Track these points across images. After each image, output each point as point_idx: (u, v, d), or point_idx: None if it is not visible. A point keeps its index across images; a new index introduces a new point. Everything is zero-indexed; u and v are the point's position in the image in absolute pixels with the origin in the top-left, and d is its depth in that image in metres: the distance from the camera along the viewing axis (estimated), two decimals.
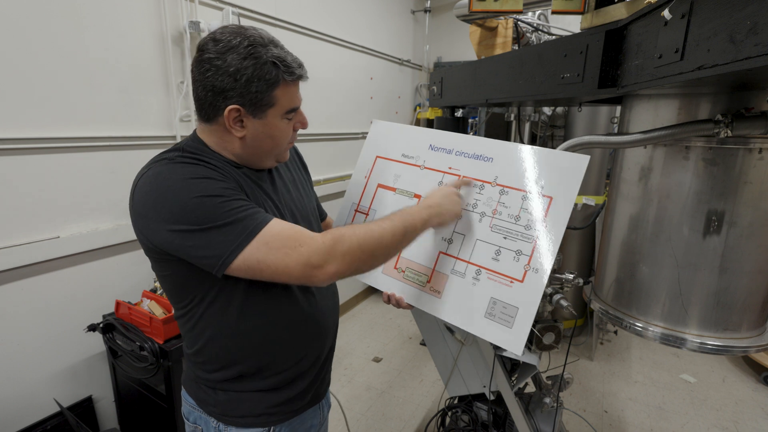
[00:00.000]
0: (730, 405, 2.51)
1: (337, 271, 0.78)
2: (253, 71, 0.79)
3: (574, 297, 2.88)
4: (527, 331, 0.87)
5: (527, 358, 1.35)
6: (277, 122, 0.86)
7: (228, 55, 0.78)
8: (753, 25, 0.52)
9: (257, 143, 0.87)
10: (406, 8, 4.09)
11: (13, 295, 1.56)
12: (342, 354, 2.96)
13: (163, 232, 0.76)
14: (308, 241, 0.78)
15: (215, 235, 0.75)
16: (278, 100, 0.84)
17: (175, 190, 0.76)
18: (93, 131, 1.71)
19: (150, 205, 0.77)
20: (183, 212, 0.75)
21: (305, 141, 2.93)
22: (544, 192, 0.93)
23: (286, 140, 0.92)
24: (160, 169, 0.79)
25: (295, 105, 0.89)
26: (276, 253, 0.76)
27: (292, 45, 3.03)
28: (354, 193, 1.16)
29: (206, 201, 0.75)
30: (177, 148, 0.86)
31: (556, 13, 1.14)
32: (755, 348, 0.92)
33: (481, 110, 2.86)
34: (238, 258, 0.75)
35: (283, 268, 0.76)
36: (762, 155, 0.83)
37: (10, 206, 1.52)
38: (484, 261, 0.95)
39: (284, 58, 0.82)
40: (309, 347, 0.99)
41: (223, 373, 0.92)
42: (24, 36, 1.48)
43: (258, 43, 0.80)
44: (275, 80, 0.81)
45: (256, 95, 0.80)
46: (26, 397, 1.63)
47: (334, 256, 0.77)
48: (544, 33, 2.07)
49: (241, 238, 0.75)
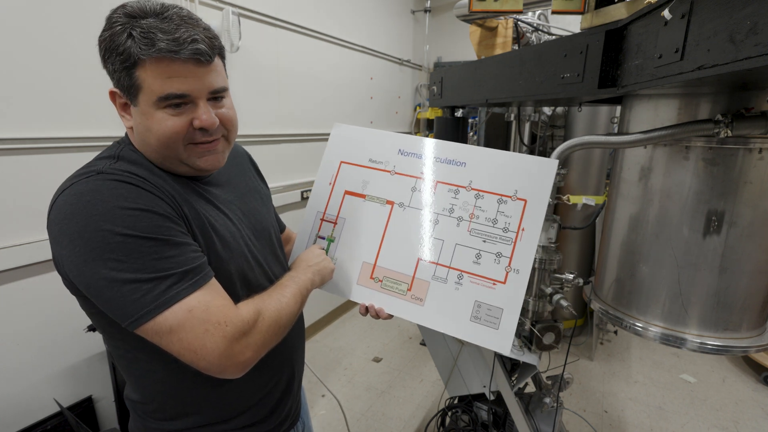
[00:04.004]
0: (730, 405, 2.51)
1: (255, 357, 0.69)
2: (108, 44, 0.65)
3: (574, 297, 2.88)
4: (513, 331, 0.89)
5: (527, 358, 1.35)
6: (151, 111, 0.68)
7: (104, 31, 0.67)
8: (753, 25, 0.52)
9: (141, 137, 0.72)
10: (406, 8, 4.09)
11: (13, 295, 1.56)
12: (342, 354, 2.97)
13: (76, 267, 0.63)
14: (233, 319, 0.67)
15: (131, 291, 0.62)
16: (143, 81, 0.66)
17: (97, 221, 0.61)
18: (93, 131, 1.71)
19: (67, 231, 0.63)
20: (100, 250, 0.61)
21: (305, 141, 2.92)
22: (519, 195, 0.95)
23: (175, 138, 0.70)
24: (84, 188, 0.64)
25: (168, 91, 0.67)
26: (195, 328, 0.63)
27: (292, 45, 3.00)
28: (318, 201, 1.09)
29: (130, 243, 0.62)
30: (111, 155, 0.72)
31: (556, 13, 1.14)
32: (755, 348, 0.92)
33: (481, 110, 2.86)
34: (147, 324, 0.63)
35: (200, 347, 0.64)
36: (762, 155, 0.83)
37: (10, 206, 1.52)
38: (465, 265, 0.95)
39: (149, 27, 0.64)
40: (279, 373, 0.90)
41: (182, 422, 0.79)
42: (24, 36, 1.48)
43: (132, 14, 0.65)
44: (129, 55, 0.64)
45: (119, 76, 0.67)
46: (26, 397, 1.63)
47: (254, 339, 0.69)
48: (544, 33, 2.07)
49: (159, 300, 0.62)
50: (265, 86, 2.55)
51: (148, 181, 0.68)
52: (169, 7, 0.68)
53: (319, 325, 3.30)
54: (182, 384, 0.77)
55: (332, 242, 1.05)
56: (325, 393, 2.49)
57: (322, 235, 1.06)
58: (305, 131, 2.90)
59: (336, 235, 1.05)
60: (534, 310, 1.28)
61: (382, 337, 3.21)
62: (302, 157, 2.92)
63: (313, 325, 3.24)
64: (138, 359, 0.75)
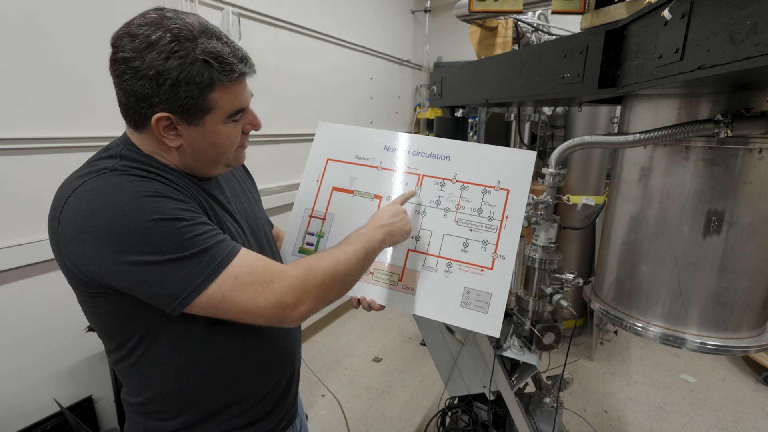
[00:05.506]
0: (730, 405, 2.51)
1: (311, 309, 0.71)
2: (179, 73, 0.64)
3: (574, 297, 2.88)
4: (502, 314, 0.94)
5: (527, 358, 1.35)
6: (218, 128, 0.72)
7: (147, 54, 0.63)
8: (753, 25, 0.52)
9: (198, 153, 0.74)
10: (406, 8, 4.09)
11: (13, 295, 1.56)
12: (342, 354, 2.96)
13: (107, 263, 0.62)
14: (280, 276, 0.69)
15: (175, 269, 0.63)
16: (216, 103, 0.70)
17: (125, 212, 0.62)
18: (93, 131, 1.71)
19: (89, 228, 0.62)
20: (135, 239, 0.62)
21: (305, 141, 2.92)
22: (501, 185, 1.01)
23: (234, 145, 0.78)
24: (100, 183, 0.64)
25: (240, 106, 0.74)
26: (245, 291, 0.66)
27: (292, 45, 2.99)
28: (306, 198, 1.11)
29: (164, 225, 0.63)
30: (113, 154, 0.71)
31: (556, 13, 1.14)
32: (755, 348, 0.92)
33: (481, 110, 2.87)
34: (200, 296, 0.64)
35: (254, 307, 0.67)
36: (762, 155, 0.83)
37: (10, 206, 1.52)
38: (453, 254, 1.00)
39: (220, 52, 0.67)
40: (282, 370, 0.90)
41: (183, 419, 0.78)
42: (24, 36, 1.48)
43: (183, 36, 0.65)
44: (209, 83, 0.67)
45: (187, 101, 0.67)
46: (26, 397, 1.63)
47: (308, 292, 0.70)
48: (544, 33, 2.07)
49: (206, 272, 0.64)
50: (264, 86, 2.55)
51: (160, 176, 0.70)
52: (206, 23, 0.70)
53: (319, 325, 3.30)
54: (188, 385, 0.77)
55: (321, 238, 1.07)
56: (325, 393, 2.49)
57: (311, 232, 1.08)
58: (305, 131, 2.90)
59: (325, 231, 1.07)
60: (534, 310, 1.29)
61: (382, 337, 3.21)
62: (302, 157, 2.90)
63: (313, 325, 3.24)
64: (141, 363, 0.74)
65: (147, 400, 0.78)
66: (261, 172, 2.52)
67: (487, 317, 0.94)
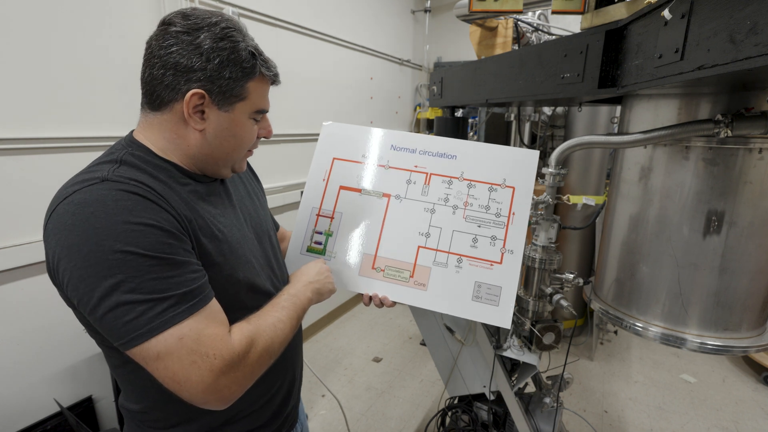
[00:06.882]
0: (730, 405, 2.51)
1: (237, 394, 0.66)
2: (229, 54, 0.69)
3: (574, 297, 2.88)
4: (512, 306, 0.97)
5: (527, 358, 1.35)
6: (244, 120, 0.76)
7: (201, 33, 0.68)
8: (753, 25, 0.52)
9: (218, 141, 0.74)
10: (406, 8, 4.09)
11: (13, 295, 1.56)
12: (342, 354, 2.97)
13: (73, 281, 0.60)
14: (223, 351, 0.64)
15: (124, 311, 0.59)
16: (250, 94, 0.74)
17: (100, 236, 0.59)
18: (93, 131, 1.71)
19: (66, 243, 0.60)
20: (98, 267, 0.59)
21: (306, 141, 2.92)
22: (507, 183, 1.04)
23: (249, 144, 0.80)
24: (87, 197, 0.62)
25: (265, 107, 0.79)
26: (182, 358, 0.61)
27: (292, 45, 3.00)
28: (313, 197, 1.11)
29: (130, 261, 0.59)
30: (113, 159, 0.69)
31: (556, 13, 1.14)
32: (755, 348, 0.92)
33: (481, 110, 2.87)
34: (136, 348, 0.60)
35: (183, 380, 0.61)
36: (762, 155, 0.83)
37: (10, 206, 1.52)
38: (463, 249, 1.02)
39: (262, 52, 0.75)
40: (282, 378, 0.89)
41: (184, 428, 0.77)
42: (24, 36, 1.48)
43: (237, 28, 0.71)
44: (252, 70, 0.72)
45: (228, 83, 0.70)
46: (26, 397, 1.63)
47: (243, 374, 0.66)
48: (544, 33, 2.07)
49: (152, 324, 0.60)
50: None
51: (153, 191, 0.66)
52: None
53: (319, 325, 3.30)
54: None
55: (330, 236, 1.08)
56: (325, 393, 2.49)
57: (319, 230, 1.08)
58: (305, 131, 2.90)
59: (333, 230, 1.08)
60: (534, 310, 1.29)
61: (382, 337, 3.21)
62: (302, 157, 2.92)
63: (313, 325, 3.24)
64: (139, 373, 0.72)
65: (145, 408, 0.77)
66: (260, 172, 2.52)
67: (498, 310, 0.97)
